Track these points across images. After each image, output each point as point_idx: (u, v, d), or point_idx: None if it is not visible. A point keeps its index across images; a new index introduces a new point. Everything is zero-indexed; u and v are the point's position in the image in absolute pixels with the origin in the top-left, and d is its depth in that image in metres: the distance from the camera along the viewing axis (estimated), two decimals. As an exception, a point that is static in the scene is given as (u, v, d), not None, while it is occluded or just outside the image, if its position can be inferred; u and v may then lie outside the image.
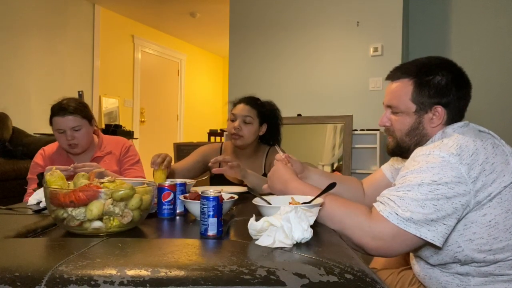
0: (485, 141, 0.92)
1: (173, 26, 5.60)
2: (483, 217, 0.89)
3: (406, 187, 0.89)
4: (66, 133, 1.67)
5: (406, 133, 1.06)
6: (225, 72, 6.90)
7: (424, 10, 3.56)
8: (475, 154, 0.89)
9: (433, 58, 1.06)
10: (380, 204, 0.92)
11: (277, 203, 1.00)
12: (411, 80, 1.03)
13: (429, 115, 1.03)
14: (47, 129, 3.96)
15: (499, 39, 3.26)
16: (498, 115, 3.14)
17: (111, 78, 5.02)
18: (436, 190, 0.86)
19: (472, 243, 0.91)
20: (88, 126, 1.74)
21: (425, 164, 0.90)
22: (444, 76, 1.01)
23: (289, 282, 0.58)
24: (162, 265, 0.62)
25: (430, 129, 1.03)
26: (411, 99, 1.03)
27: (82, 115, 1.70)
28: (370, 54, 3.35)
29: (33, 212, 1.14)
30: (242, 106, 1.78)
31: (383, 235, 0.88)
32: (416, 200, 0.87)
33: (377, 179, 1.30)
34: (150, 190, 0.97)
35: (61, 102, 1.71)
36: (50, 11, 4.24)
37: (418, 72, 1.03)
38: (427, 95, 1.01)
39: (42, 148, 1.83)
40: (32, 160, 1.78)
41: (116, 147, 1.85)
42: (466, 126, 1.00)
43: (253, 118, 1.75)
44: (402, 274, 1.18)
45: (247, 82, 3.91)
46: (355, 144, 3.22)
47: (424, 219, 0.86)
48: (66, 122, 1.67)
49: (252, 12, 3.92)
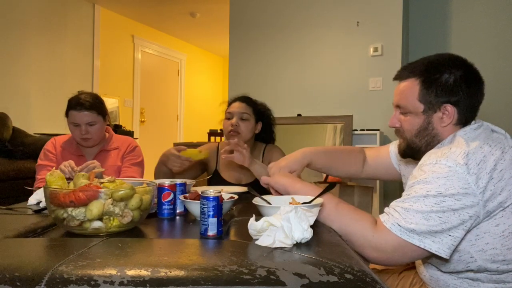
0: (493, 146, 0.89)
1: (173, 26, 5.60)
2: (496, 227, 0.87)
3: (412, 198, 0.87)
4: (80, 127, 1.72)
5: (415, 134, 1.02)
6: (225, 72, 6.90)
7: (424, 10, 3.56)
8: (482, 162, 0.86)
9: (442, 55, 1.02)
10: (385, 214, 0.91)
11: (277, 203, 1.00)
12: (418, 79, 1.00)
13: (438, 115, 0.99)
14: (47, 129, 3.99)
15: (499, 39, 3.25)
16: (498, 115, 3.15)
17: (111, 78, 5.02)
18: (442, 202, 0.84)
19: (485, 254, 0.89)
20: (102, 122, 1.79)
21: (431, 175, 0.87)
22: (452, 74, 0.96)
23: (289, 282, 0.58)
24: (162, 265, 0.62)
25: (440, 129, 0.99)
26: (418, 98, 0.99)
27: (98, 112, 1.75)
28: (370, 54, 3.35)
29: (33, 212, 1.14)
30: (238, 103, 1.79)
31: (384, 246, 0.87)
32: (421, 212, 0.85)
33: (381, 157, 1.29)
34: (150, 190, 0.97)
35: (79, 96, 1.75)
36: (50, 11, 4.24)
37: (425, 70, 1.00)
38: (435, 94, 0.97)
39: (54, 137, 1.88)
40: (43, 147, 1.82)
41: (123, 145, 1.89)
42: (479, 128, 0.96)
43: (249, 115, 1.76)
44: (403, 275, 1.18)
45: (247, 82, 3.91)
46: (355, 144, 3.21)
47: (428, 231, 0.84)
48: (82, 117, 1.71)
49: (252, 12, 3.92)
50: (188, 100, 6.45)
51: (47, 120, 4.14)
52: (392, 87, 1.11)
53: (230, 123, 1.73)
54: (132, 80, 5.37)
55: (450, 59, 1.00)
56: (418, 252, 0.87)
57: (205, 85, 6.98)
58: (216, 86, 7.31)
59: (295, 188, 1.06)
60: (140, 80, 5.48)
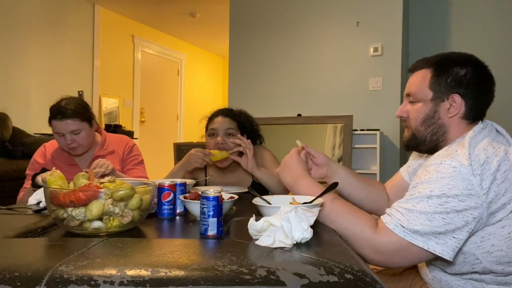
0: (497, 148, 0.89)
1: (173, 26, 5.60)
2: (501, 229, 0.87)
3: (415, 199, 0.87)
4: (65, 136, 1.62)
5: (421, 122, 1.03)
6: (225, 72, 6.90)
7: (424, 10, 3.56)
8: (486, 163, 0.86)
9: (457, 52, 1.05)
10: (387, 216, 0.91)
11: (277, 203, 1.00)
12: (430, 69, 1.02)
13: (445, 104, 1.00)
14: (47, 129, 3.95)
15: (500, 39, 3.25)
16: (498, 115, 3.15)
17: (111, 78, 5.02)
18: (446, 203, 0.84)
19: (491, 256, 0.88)
20: (88, 128, 1.68)
21: (435, 175, 0.87)
22: (464, 67, 0.99)
23: (289, 282, 0.58)
24: (162, 265, 0.62)
25: (447, 119, 1.00)
26: (428, 86, 1.01)
27: (81, 118, 1.64)
28: (370, 54, 3.34)
29: (33, 212, 1.14)
30: (221, 119, 1.69)
31: (385, 248, 0.87)
32: (425, 213, 0.84)
33: (396, 183, 1.28)
34: (150, 190, 0.97)
35: (60, 104, 1.63)
36: (50, 11, 4.24)
37: (438, 61, 1.03)
38: (445, 82, 0.99)
39: (44, 144, 1.79)
40: (32, 156, 1.74)
41: (119, 146, 1.81)
42: (485, 128, 0.97)
43: (235, 129, 1.68)
44: (403, 275, 1.17)
45: (247, 82, 3.91)
46: (355, 144, 3.21)
47: (432, 232, 0.83)
48: (65, 126, 1.60)
49: (252, 12, 3.92)
50: (188, 100, 6.45)
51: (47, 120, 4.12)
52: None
53: (215, 141, 1.65)
54: (132, 80, 5.37)
55: (465, 56, 1.03)
56: (421, 254, 0.86)
57: (205, 85, 6.98)
58: (216, 86, 7.31)
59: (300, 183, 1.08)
60: (140, 80, 5.48)
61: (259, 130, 1.86)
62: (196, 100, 6.68)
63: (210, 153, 1.59)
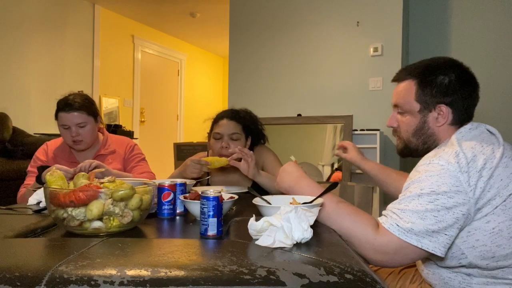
0: (485, 146, 0.92)
1: (173, 26, 5.60)
2: (486, 224, 0.89)
3: (407, 198, 0.90)
4: (71, 129, 1.67)
5: (412, 134, 1.07)
6: (225, 72, 6.90)
7: (424, 10, 3.56)
8: (472, 161, 0.88)
9: (439, 58, 1.08)
10: (383, 216, 0.93)
11: (277, 203, 1.00)
12: (415, 80, 1.05)
13: (433, 114, 1.03)
14: (47, 129, 3.99)
15: (500, 39, 3.25)
16: (498, 115, 3.15)
17: (111, 78, 5.02)
18: (436, 200, 0.86)
19: (475, 250, 0.90)
20: (93, 123, 1.73)
21: (424, 174, 0.91)
22: (447, 76, 1.01)
23: (289, 282, 0.58)
24: (162, 265, 0.62)
25: (436, 128, 1.04)
26: (415, 98, 1.04)
27: (87, 112, 1.69)
28: (370, 54, 3.34)
29: (33, 212, 1.14)
30: (226, 122, 1.68)
31: (386, 248, 0.88)
32: (417, 212, 0.87)
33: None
34: (150, 190, 0.97)
35: (68, 97, 1.70)
36: (50, 11, 4.24)
37: (422, 72, 1.05)
38: (430, 94, 1.02)
39: (46, 142, 1.82)
40: (35, 153, 1.77)
41: (121, 147, 1.85)
42: (475, 129, 0.99)
43: (240, 134, 1.68)
44: (403, 272, 1.18)
45: (247, 82, 3.91)
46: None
47: (425, 230, 0.86)
48: (72, 118, 1.65)
49: (252, 12, 3.92)
50: (188, 100, 6.45)
51: (47, 120, 4.13)
52: (392, 87, 1.13)
53: (220, 146, 1.65)
54: (132, 80, 5.37)
55: (446, 62, 1.05)
56: (417, 253, 0.88)
57: (205, 85, 6.98)
58: (216, 86, 7.31)
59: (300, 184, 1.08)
60: (140, 80, 5.48)
61: (263, 129, 1.85)
62: (196, 100, 6.68)
63: (206, 162, 1.55)
